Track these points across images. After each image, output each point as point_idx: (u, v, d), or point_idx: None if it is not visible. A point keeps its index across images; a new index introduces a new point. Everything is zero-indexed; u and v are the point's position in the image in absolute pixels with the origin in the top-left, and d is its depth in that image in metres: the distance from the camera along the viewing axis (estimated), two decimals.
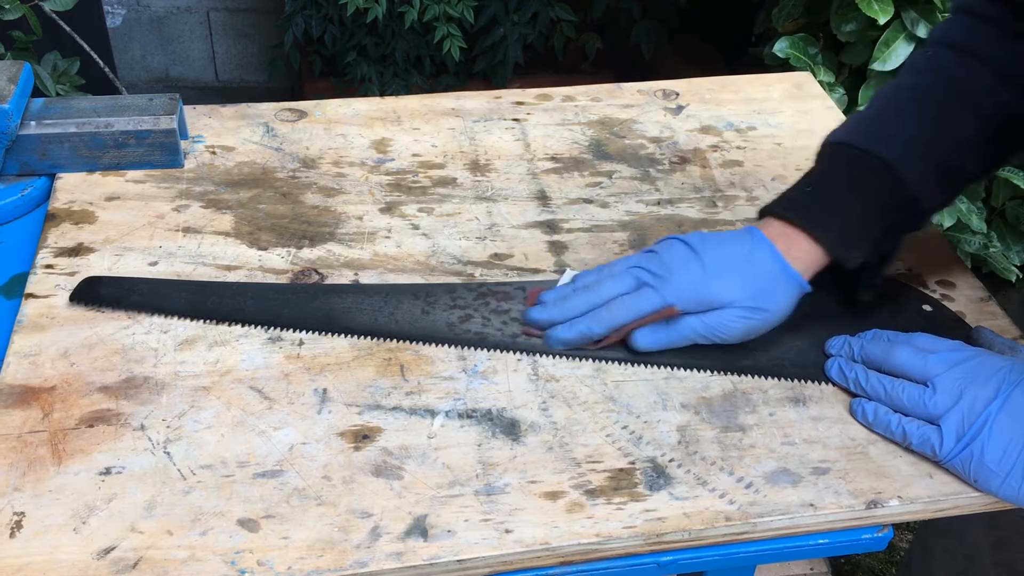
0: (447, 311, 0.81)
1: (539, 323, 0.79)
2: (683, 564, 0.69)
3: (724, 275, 0.75)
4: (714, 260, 0.75)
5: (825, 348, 0.79)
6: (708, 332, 0.75)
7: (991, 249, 1.77)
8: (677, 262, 0.76)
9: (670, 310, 0.75)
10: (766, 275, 0.75)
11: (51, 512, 0.64)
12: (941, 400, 0.70)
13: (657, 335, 0.76)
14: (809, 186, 0.79)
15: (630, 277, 0.77)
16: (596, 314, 0.77)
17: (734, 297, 0.74)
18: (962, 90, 0.78)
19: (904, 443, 0.72)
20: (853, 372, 0.76)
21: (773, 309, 0.75)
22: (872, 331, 0.79)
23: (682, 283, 0.75)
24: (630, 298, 0.76)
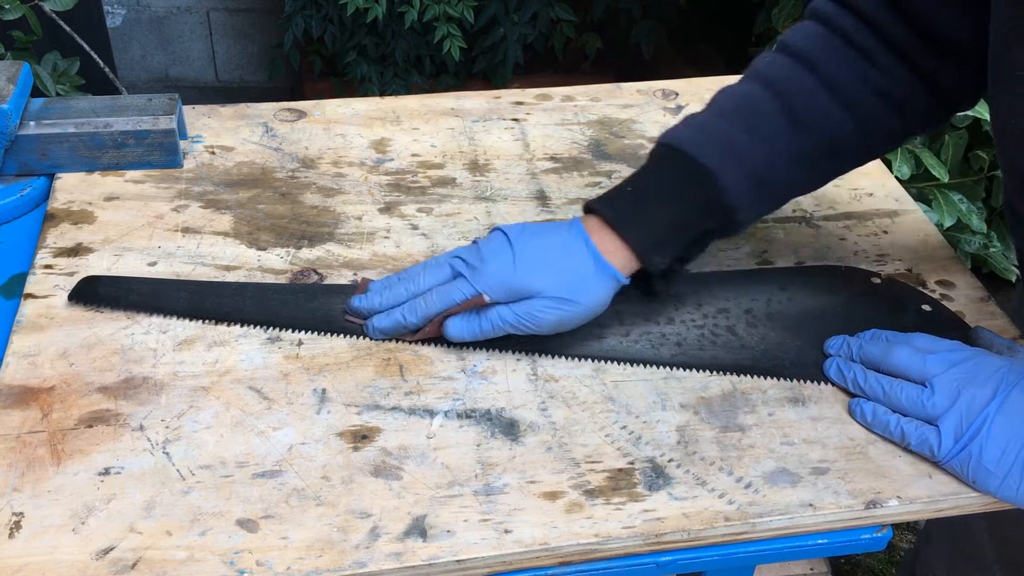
0: None
1: (359, 311, 0.79)
2: (682, 564, 0.69)
3: (534, 266, 0.75)
4: (526, 250, 0.76)
5: (824, 348, 0.79)
6: (517, 321, 0.75)
7: (991, 249, 1.77)
8: (491, 252, 0.76)
9: (479, 299, 0.75)
10: (578, 267, 0.75)
11: (50, 512, 0.64)
12: (939, 401, 0.70)
13: (469, 324, 0.76)
14: (630, 186, 0.79)
15: (447, 267, 0.77)
16: (412, 303, 0.77)
17: (542, 287, 0.74)
18: (795, 106, 0.77)
19: (903, 443, 0.72)
20: (851, 372, 0.76)
21: (584, 302, 0.75)
22: (871, 331, 0.79)
23: (492, 272, 0.75)
24: (444, 288, 0.77)
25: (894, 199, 0.98)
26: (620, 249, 0.76)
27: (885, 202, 0.98)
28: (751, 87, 0.80)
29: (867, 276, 0.87)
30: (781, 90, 0.78)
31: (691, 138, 0.78)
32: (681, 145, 0.77)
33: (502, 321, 0.75)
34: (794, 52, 0.79)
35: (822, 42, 0.78)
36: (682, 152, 0.77)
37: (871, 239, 0.93)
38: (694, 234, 0.78)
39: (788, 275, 0.87)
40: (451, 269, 0.77)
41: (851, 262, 0.90)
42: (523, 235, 0.77)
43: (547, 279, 0.75)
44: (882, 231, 0.94)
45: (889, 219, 0.95)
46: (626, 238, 0.76)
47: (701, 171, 0.76)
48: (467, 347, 0.78)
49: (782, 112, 0.77)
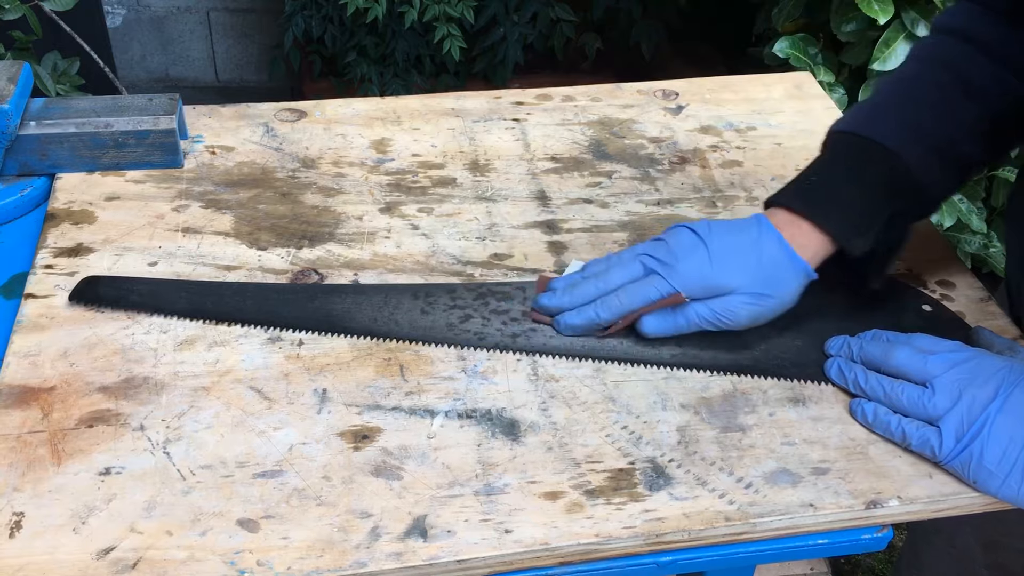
0: (447, 311, 0.81)
1: (548, 309, 0.80)
2: (683, 564, 0.69)
3: (729, 262, 0.75)
4: (720, 247, 0.76)
5: (825, 348, 0.79)
6: (714, 318, 0.76)
7: (991, 249, 1.77)
8: (684, 250, 0.76)
9: (677, 297, 0.75)
10: (772, 262, 0.76)
11: (51, 512, 0.64)
12: (940, 401, 0.70)
13: (664, 321, 0.77)
14: (814, 175, 0.79)
15: (638, 264, 0.77)
16: (604, 300, 0.77)
17: (739, 283, 0.75)
18: (964, 77, 0.78)
19: (904, 444, 0.72)
20: (852, 373, 0.76)
21: (779, 296, 0.76)
22: (871, 331, 0.79)
23: (688, 270, 0.75)
24: (638, 285, 0.77)
25: None
26: (812, 240, 0.76)
27: None
28: (917, 68, 0.81)
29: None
30: (950, 65, 0.79)
31: (868, 122, 0.79)
32: (860, 130, 0.78)
33: (698, 317, 0.76)
34: (952, 30, 0.80)
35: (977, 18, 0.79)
36: (859, 136, 0.78)
37: None
38: (886, 216, 0.77)
39: None
40: (642, 266, 0.77)
41: None
42: (714, 232, 0.77)
43: (743, 275, 0.75)
44: None
45: None
46: (822, 226, 0.76)
47: (883, 152, 0.77)
48: (468, 347, 0.78)
49: (953, 84, 0.78)
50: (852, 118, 0.81)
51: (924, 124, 0.78)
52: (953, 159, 0.79)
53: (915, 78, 0.81)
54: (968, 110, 0.78)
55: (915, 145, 0.77)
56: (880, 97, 0.81)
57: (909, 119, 0.78)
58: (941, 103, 0.78)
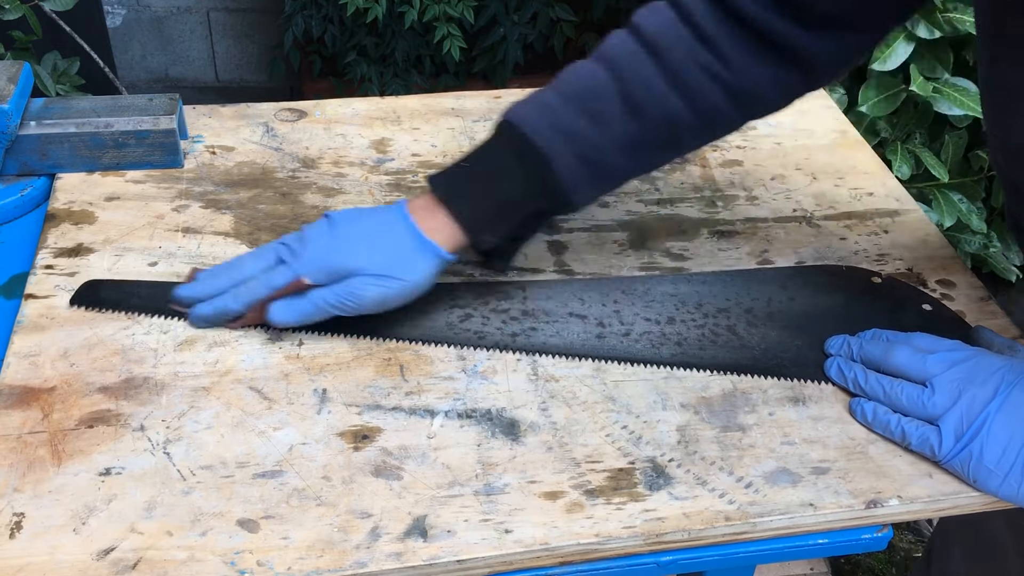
0: (446, 311, 0.81)
1: (183, 299, 0.79)
2: (683, 564, 0.69)
3: (351, 245, 0.76)
4: (345, 231, 0.77)
5: (824, 348, 0.79)
6: (338, 301, 0.75)
7: (991, 249, 1.77)
8: (312, 236, 0.77)
9: (299, 283, 0.75)
10: (396, 245, 0.76)
11: (51, 513, 0.64)
12: (940, 400, 0.70)
13: (291, 308, 0.76)
14: (467, 162, 0.79)
15: (272, 254, 0.78)
16: (235, 290, 0.78)
17: (360, 265, 0.75)
18: (632, 92, 0.76)
19: (903, 443, 0.72)
20: (852, 372, 0.76)
21: (405, 278, 0.76)
22: (871, 331, 0.79)
23: (312, 255, 0.76)
24: (267, 274, 0.77)
25: (894, 199, 0.98)
26: (447, 226, 0.77)
27: (885, 202, 0.98)
28: (594, 67, 0.78)
29: (868, 276, 0.87)
30: (622, 75, 0.77)
31: (530, 117, 0.77)
32: (520, 123, 0.77)
33: (323, 302, 0.75)
34: (642, 36, 0.77)
35: (670, 29, 0.76)
36: (519, 131, 0.77)
37: (871, 239, 0.93)
38: (525, 213, 0.78)
39: (789, 275, 0.87)
40: (275, 255, 0.78)
41: (852, 262, 0.90)
42: (345, 217, 0.78)
43: (365, 257, 0.75)
44: (882, 231, 0.94)
45: (889, 219, 0.95)
46: (453, 215, 0.76)
47: (535, 152, 0.76)
48: (468, 347, 0.78)
49: (619, 96, 0.76)
50: (521, 108, 0.79)
51: (583, 133, 0.76)
52: (603, 173, 0.78)
53: (589, 80, 0.78)
54: (628, 126, 0.77)
55: (566, 150, 0.76)
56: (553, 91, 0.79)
57: (569, 123, 0.76)
58: (605, 115, 0.77)
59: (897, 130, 1.68)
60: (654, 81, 0.76)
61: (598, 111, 0.76)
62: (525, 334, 0.79)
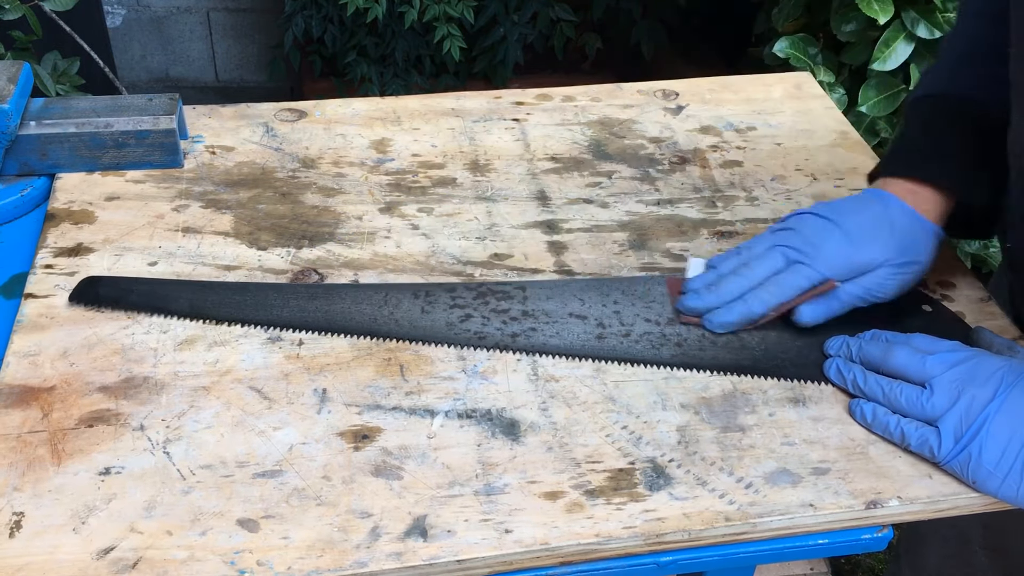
0: (447, 311, 0.81)
1: (696, 310, 0.80)
2: (683, 564, 0.69)
3: (868, 239, 0.78)
4: (854, 226, 0.78)
5: (824, 348, 0.80)
6: (866, 294, 0.78)
7: (991, 249, 1.77)
8: (820, 235, 0.79)
9: (829, 284, 0.77)
10: (904, 230, 0.78)
11: (51, 512, 0.64)
12: (939, 401, 0.70)
13: (819, 308, 0.78)
14: (904, 142, 0.83)
15: (778, 255, 0.79)
16: (754, 294, 0.79)
17: (884, 257, 0.78)
18: None
19: (903, 444, 0.72)
20: (851, 373, 0.76)
21: (920, 261, 0.79)
22: (871, 331, 0.79)
23: (831, 255, 0.78)
24: (784, 276, 0.78)
25: None
26: (931, 199, 0.79)
27: None
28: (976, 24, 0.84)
29: None
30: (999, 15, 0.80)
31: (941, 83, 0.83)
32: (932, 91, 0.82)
33: (851, 297, 0.78)
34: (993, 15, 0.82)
35: None
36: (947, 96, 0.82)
37: None
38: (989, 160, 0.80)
39: None
40: (783, 257, 0.79)
41: None
42: (842, 213, 0.79)
43: (884, 249, 0.78)
44: None
45: None
46: (935, 184, 0.79)
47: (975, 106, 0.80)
48: (468, 347, 0.78)
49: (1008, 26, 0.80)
50: (927, 84, 0.85)
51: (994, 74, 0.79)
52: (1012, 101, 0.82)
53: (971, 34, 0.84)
54: None
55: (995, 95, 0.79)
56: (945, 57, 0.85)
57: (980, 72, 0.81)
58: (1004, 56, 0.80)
59: (897, 130, 1.68)
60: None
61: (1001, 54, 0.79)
62: (525, 334, 0.79)
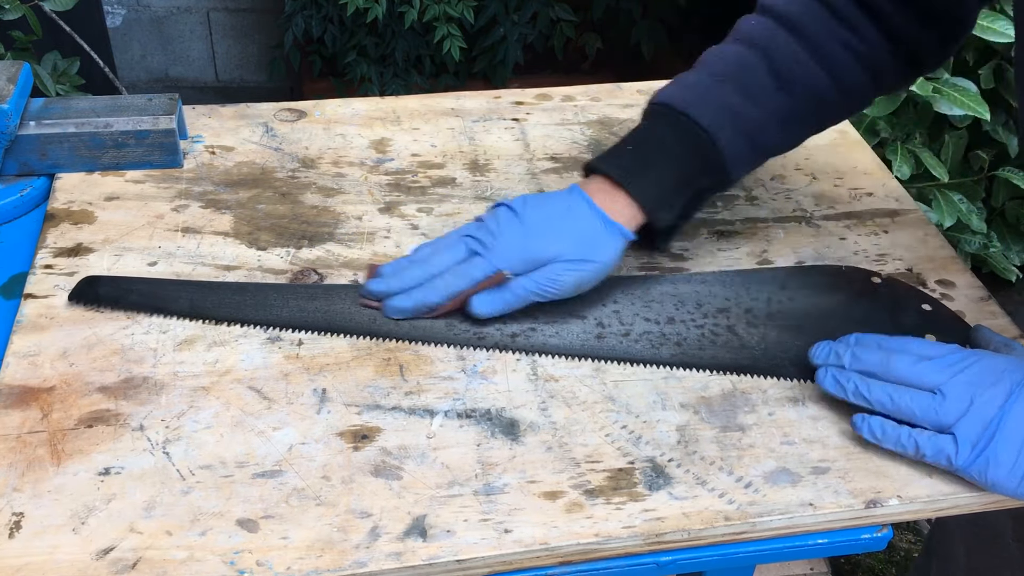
0: None
1: (376, 294, 0.80)
2: (682, 564, 0.69)
3: (545, 232, 0.78)
4: (534, 219, 0.79)
5: (809, 356, 0.76)
6: (539, 289, 0.78)
7: (991, 249, 1.77)
8: (502, 227, 0.79)
9: (500, 276, 0.77)
10: (587, 228, 0.78)
11: (50, 512, 0.64)
12: (952, 407, 0.68)
13: (493, 300, 0.78)
14: (631, 145, 0.82)
15: (462, 246, 0.79)
16: (432, 283, 0.79)
17: (557, 251, 0.77)
18: (781, 67, 0.81)
19: (916, 456, 0.69)
20: (851, 382, 0.72)
21: (599, 260, 0.79)
22: (854, 336, 0.76)
23: (507, 246, 0.78)
24: (462, 266, 0.79)
25: (894, 199, 0.98)
26: (626, 207, 0.80)
27: (885, 202, 0.98)
28: (738, 48, 0.83)
29: (867, 276, 0.87)
30: (768, 52, 0.82)
31: (688, 98, 0.81)
32: (679, 105, 0.81)
33: (524, 291, 0.78)
34: (778, 15, 0.82)
35: (804, 6, 0.82)
36: (681, 112, 0.81)
37: (871, 239, 0.93)
38: (693, 191, 0.82)
39: (788, 275, 0.87)
40: (466, 248, 0.79)
41: (851, 262, 0.90)
42: (528, 206, 0.80)
43: (560, 244, 0.78)
44: (882, 231, 0.94)
45: (889, 219, 0.95)
46: (633, 195, 0.79)
47: (700, 131, 0.80)
48: (467, 347, 0.78)
49: (769, 73, 0.81)
50: (675, 91, 0.83)
51: (739, 109, 0.81)
52: (757, 146, 0.83)
53: (737, 59, 0.83)
54: (779, 101, 0.82)
55: (729, 128, 0.80)
56: (702, 73, 0.84)
57: (726, 101, 0.81)
58: (757, 91, 0.81)
59: (897, 130, 1.68)
60: (800, 56, 0.81)
61: (751, 88, 0.81)
62: (524, 334, 0.79)
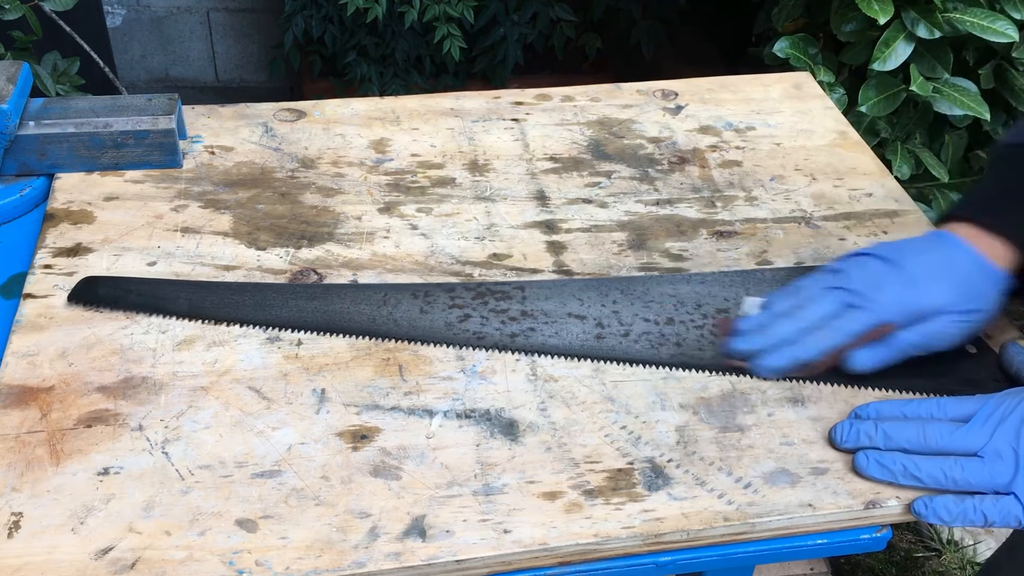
0: (445, 311, 0.81)
1: (744, 353, 0.77)
2: (681, 564, 0.69)
3: (930, 283, 0.74)
4: (915, 269, 0.75)
5: (832, 439, 0.73)
6: (925, 342, 0.75)
7: None
8: (878, 278, 0.75)
9: (886, 327, 0.74)
10: (969, 275, 0.75)
11: (49, 512, 0.64)
12: (1003, 468, 0.66)
13: (875, 354, 0.75)
14: (988, 188, 0.80)
15: (832, 299, 0.76)
16: (805, 339, 0.75)
17: (945, 303, 0.74)
18: None
19: (986, 526, 0.67)
20: (898, 464, 0.69)
21: (985, 308, 0.75)
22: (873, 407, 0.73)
23: (890, 299, 0.74)
24: (839, 321, 0.75)
25: (894, 199, 0.98)
26: (1000, 249, 0.76)
27: (885, 202, 0.98)
28: None
29: None
30: None
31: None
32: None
33: (908, 345, 0.75)
34: None
35: None
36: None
37: (871, 239, 0.93)
38: None
39: (788, 275, 0.87)
40: (837, 301, 0.75)
41: None
42: (903, 255, 0.76)
43: (948, 294, 0.74)
44: (882, 231, 0.94)
45: (889, 219, 0.95)
46: (1010, 237, 0.76)
47: None
48: (466, 347, 0.78)
49: None
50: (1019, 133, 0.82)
51: None
52: None
53: None
54: None
55: None
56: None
57: None
58: None
59: (897, 130, 1.68)
60: None
61: None
62: (524, 334, 0.79)
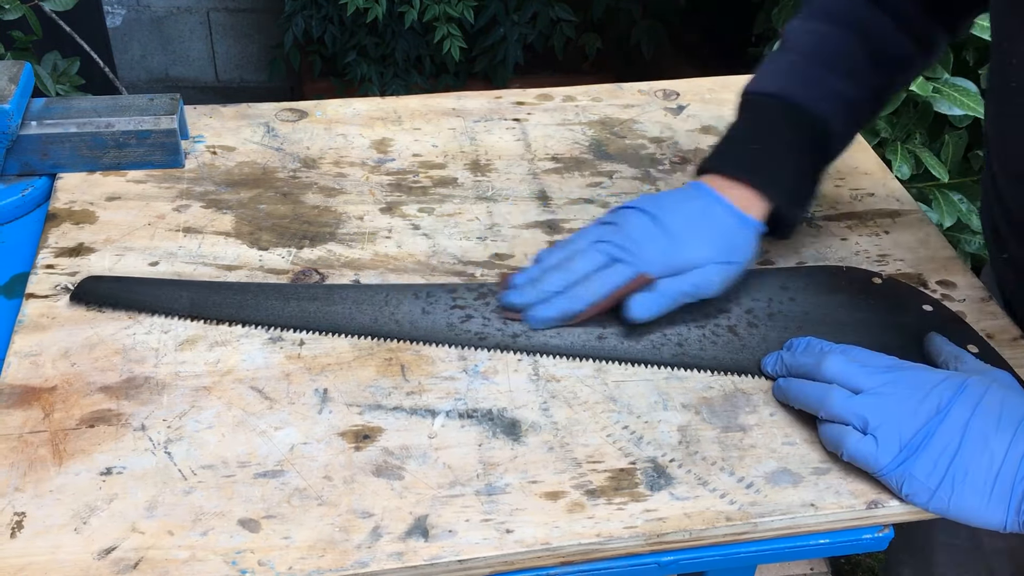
0: (448, 311, 0.81)
1: (516, 305, 0.80)
2: (684, 564, 0.69)
3: (690, 238, 0.78)
4: (673, 225, 0.79)
5: (761, 366, 0.78)
6: (694, 290, 0.79)
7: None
8: (640, 232, 0.79)
9: (642, 278, 0.77)
10: (727, 230, 0.79)
11: (52, 512, 0.64)
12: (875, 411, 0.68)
13: (648, 302, 0.78)
14: (756, 143, 0.82)
15: (597, 252, 0.79)
16: (573, 291, 0.79)
17: (704, 257, 0.78)
18: (870, 41, 0.82)
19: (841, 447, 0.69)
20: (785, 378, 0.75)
21: (742, 259, 0.80)
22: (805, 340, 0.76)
23: (651, 254, 0.78)
24: (604, 273, 0.78)
25: (895, 199, 0.98)
26: (756, 202, 0.80)
27: (886, 202, 0.98)
28: (827, 28, 0.84)
29: (868, 276, 0.87)
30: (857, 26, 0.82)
31: (790, 85, 0.82)
32: (783, 94, 0.82)
33: (679, 293, 0.78)
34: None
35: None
36: (789, 102, 0.81)
37: (872, 239, 0.93)
38: (812, 179, 0.83)
39: (789, 275, 0.87)
40: (603, 254, 0.79)
41: (852, 262, 0.90)
42: (664, 209, 0.80)
43: (706, 250, 0.78)
44: (883, 231, 0.94)
45: (890, 219, 0.96)
46: (765, 192, 0.80)
47: (812, 118, 0.81)
48: (469, 347, 0.78)
49: (862, 49, 0.82)
50: (772, 78, 0.84)
51: (846, 94, 0.82)
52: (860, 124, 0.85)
53: (829, 38, 0.84)
54: (876, 76, 0.83)
55: (841, 116, 0.81)
56: (796, 55, 0.84)
57: (834, 88, 0.82)
58: (855, 70, 0.82)
59: (897, 130, 1.68)
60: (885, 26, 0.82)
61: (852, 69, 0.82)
62: (526, 335, 0.79)
